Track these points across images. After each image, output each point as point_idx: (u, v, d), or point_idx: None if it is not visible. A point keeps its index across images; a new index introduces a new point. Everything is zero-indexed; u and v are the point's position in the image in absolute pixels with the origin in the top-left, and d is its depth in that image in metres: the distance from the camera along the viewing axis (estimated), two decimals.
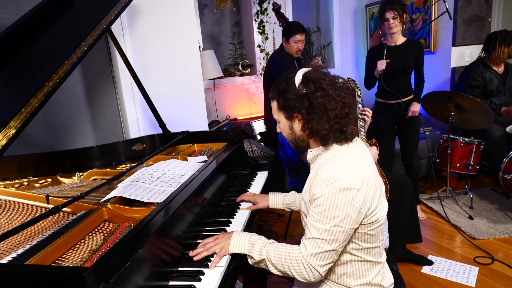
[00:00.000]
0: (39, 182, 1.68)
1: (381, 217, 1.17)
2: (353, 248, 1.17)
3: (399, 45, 2.76)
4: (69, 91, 2.19)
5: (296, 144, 1.28)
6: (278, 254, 1.15)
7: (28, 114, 1.19)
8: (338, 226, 1.08)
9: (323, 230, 1.08)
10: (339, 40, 4.76)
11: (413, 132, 2.85)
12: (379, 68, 2.69)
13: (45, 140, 2.13)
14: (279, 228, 2.93)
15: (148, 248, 0.99)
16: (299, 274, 1.12)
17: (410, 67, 2.77)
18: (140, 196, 1.34)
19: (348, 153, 1.17)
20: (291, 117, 1.21)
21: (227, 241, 1.22)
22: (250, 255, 1.19)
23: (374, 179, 1.17)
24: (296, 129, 1.23)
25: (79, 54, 1.39)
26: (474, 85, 3.26)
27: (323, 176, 1.10)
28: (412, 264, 2.35)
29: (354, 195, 1.08)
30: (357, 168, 1.12)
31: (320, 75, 1.19)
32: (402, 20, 2.66)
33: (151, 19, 2.35)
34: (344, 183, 1.07)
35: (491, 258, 2.36)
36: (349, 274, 1.20)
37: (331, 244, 1.09)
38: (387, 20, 2.66)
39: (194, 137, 2.18)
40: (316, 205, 1.11)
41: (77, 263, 1.00)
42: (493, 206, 3.06)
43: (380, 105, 2.91)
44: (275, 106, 1.25)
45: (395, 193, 2.16)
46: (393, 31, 2.68)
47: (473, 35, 3.85)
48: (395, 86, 2.76)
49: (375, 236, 1.18)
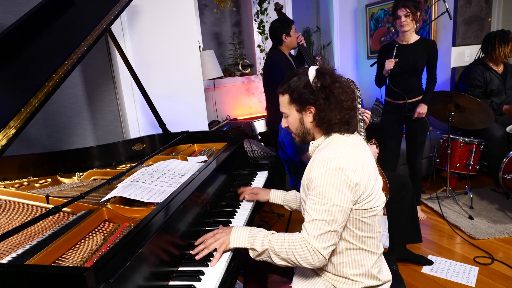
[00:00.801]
0: (39, 182, 1.68)
1: (375, 206, 1.21)
2: (348, 235, 1.20)
3: (410, 44, 2.70)
4: (69, 91, 2.19)
5: (303, 137, 1.33)
6: (281, 242, 1.17)
7: (28, 114, 1.19)
8: (336, 206, 1.12)
9: (322, 211, 1.12)
10: (339, 40, 4.76)
11: (419, 134, 2.81)
12: (387, 67, 2.66)
13: (45, 140, 2.13)
14: (279, 228, 2.93)
15: (148, 248, 0.99)
16: (304, 259, 1.13)
17: (420, 66, 2.71)
18: (140, 196, 1.34)
19: (345, 141, 1.23)
20: (303, 109, 1.27)
21: (227, 236, 1.23)
22: (252, 248, 1.20)
23: (370, 168, 1.22)
24: (306, 121, 1.28)
25: (79, 54, 1.39)
26: (476, 85, 3.26)
27: (319, 158, 1.16)
28: (412, 264, 2.35)
29: (349, 175, 1.12)
30: (353, 154, 1.18)
31: (332, 70, 1.28)
32: (415, 18, 2.60)
33: (151, 19, 2.35)
34: (340, 163, 1.13)
35: (491, 258, 2.36)
36: (346, 264, 1.22)
37: (331, 225, 1.12)
38: (399, 17, 2.60)
39: (194, 137, 2.18)
40: (314, 187, 1.15)
41: (77, 263, 1.00)
42: (493, 206, 3.06)
43: (389, 105, 2.88)
44: (286, 100, 1.30)
45: (395, 193, 2.16)
46: (405, 29, 2.63)
47: (473, 35, 3.85)
48: (404, 86, 2.71)
49: (370, 225, 1.21)
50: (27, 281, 0.80)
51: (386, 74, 2.72)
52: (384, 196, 1.29)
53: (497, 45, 3.17)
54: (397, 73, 2.69)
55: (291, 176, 2.39)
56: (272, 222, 3.04)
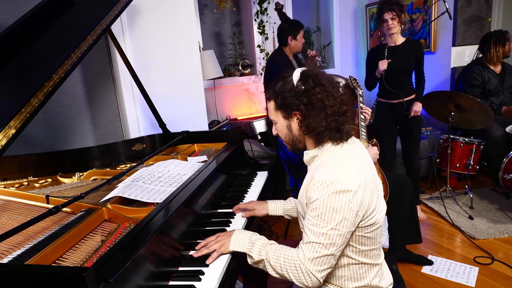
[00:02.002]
0: (39, 182, 1.68)
1: (378, 220, 1.16)
2: (351, 251, 1.16)
3: (399, 45, 2.76)
4: (69, 91, 2.19)
5: (293, 145, 1.26)
6: (277, 256, 1.14)
7: (28, 114, 1.19)
8: (335, 230, 1.06)
9: (320, 234, 1.07)
10: (339, 40, 4.76)
11: (415, 132, 2.84)
12: (381, 68, 2.69)
13: (45, 140, 2.13)
14: (279, 228, 2.93)
15: (148, 248, 0.99)
16: (297, 279, 1.10)
17: (411, 66, 2.77)
18: (140, 196, 1.34)
19: (344, 155, 1.15)
20: (289, 115, 1.20)
21: (228, 238, 1.22)
22: (249, 255, 1.19)
23: (371, 181, 1.16)
24: (294, 128, 1.21)
25: (79, 54, 1.39)
26: (475, 85, 3.27)
27: (319, 179, 1.09)
28: (412, 264, 2.35)
29: (351, 198, 1.06)
30: (354, 170, 1.11)
31: (318, 72, 1.19)
32: (401, 21, 2.67)
33: (151, 19, 2.35)
34: (341, 186, 1.06)
35: (491, 258, 2.36)
36: (347, 277, 1.19)
37: (329, 249, 1.07)
38: (385, 21, 2.66)
39: (194, 137, 2.18)
40: (312, 208, 1.09)
41: (77, 263, 1.00)
42: (493, 206, 3.06)
43: (382, 105, 2.90)
44: (272, 106, 1.24)
45: (395, 193, 2.15)
46: (392, 32, 2.69)
47: (473, 35, 3.86)
48: (397, 86, 2.76)
49: (372, 238, 1.17)
50: (27, 281, 0.80)
51: (379, 75, 2.75)
52: (385, 205, 1.24)
53: (492, 45, 3.19)
54: (389, 74, 2.73)
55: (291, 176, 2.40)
56: (272, 222, 3.04)
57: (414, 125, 2.82)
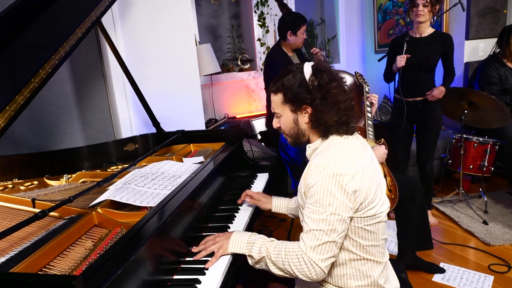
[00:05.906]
0: (25, 185, 1.68)
1: (379, 213, 1.20)
2: (351, 245, 1.19)
3: (424, 37, 2.69)
4: (57, 88, 2.19)
5: (296, 139, 1.32)
6: (278, 251, 1.17)
7: (13, 112, 1.20)
8: (334, 214, 1.11)
9: (320, 220, 1.11)
10: (344, 34, 4.76)
11: (432, 134, 2.81)
12: (399, 64, 2.63)
13: (31, 140, 2.13)
14: (281, 234, 2.93)
15: (141, 255, 1.00)
16: (300, 271, 1.13)
17: (433, 62, 2.70)
18: (133, 200, 1.34)
19: (344, 144, 1.22)
20: (299, 109, 1.26)
21: (226, 240, 1.24)
22: (249, 255, 1.21)
23: (371, 171, 1.21)
24: (301, 122, 1.27)
25: (67, 49, 1.39)
26: (493, 82, 3.25)
27: (316, 163, 1.15)
28: (422, 272, 2.35)
29: (347, 181, 1.11)
30: (352, 157, 1.18)
31: (329, 67, 1.27)
32: (433, 11, 2.59)
33: (144, 10, 2.35)
34: (337, 169, 1.12)
35: (507, 266, 2.36)
36: (350, 275, 1.21)
37: (330, 235, 1.11)
38: (417, 5, 2.58)
39: (190, 137, 2.18)
40: (311, 195, 1.14)
41: (65, 271, 1.00)
42: (509, 210, 3.06)
43: (399, 102, 2.86)
44: (279, 99, 1.28)
45: (404, 196, 2.15)
46: (419, 19, 2.61)
47: (487, 28, 3.85)
48: (415, 83, 2.71)
49: (374, 233, 1.20)
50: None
51: (396, 71, 2.71)
52: (388, 201, 1.28)
53: (511, 39, 3.17)
54: (408, 69, 2.67)
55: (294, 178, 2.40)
56: (274, 227, 3.04)
57: (432, 127, 2.79)
